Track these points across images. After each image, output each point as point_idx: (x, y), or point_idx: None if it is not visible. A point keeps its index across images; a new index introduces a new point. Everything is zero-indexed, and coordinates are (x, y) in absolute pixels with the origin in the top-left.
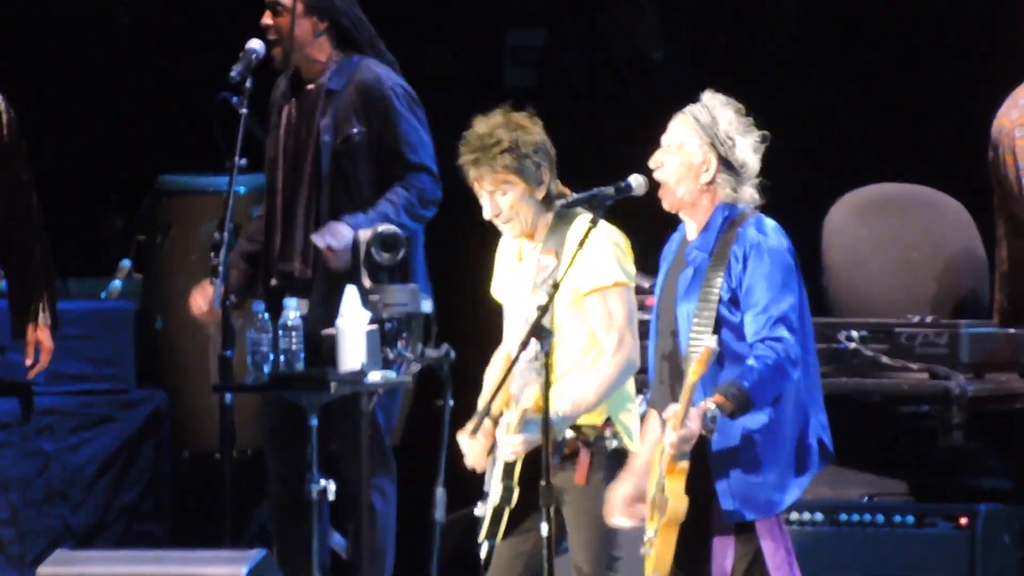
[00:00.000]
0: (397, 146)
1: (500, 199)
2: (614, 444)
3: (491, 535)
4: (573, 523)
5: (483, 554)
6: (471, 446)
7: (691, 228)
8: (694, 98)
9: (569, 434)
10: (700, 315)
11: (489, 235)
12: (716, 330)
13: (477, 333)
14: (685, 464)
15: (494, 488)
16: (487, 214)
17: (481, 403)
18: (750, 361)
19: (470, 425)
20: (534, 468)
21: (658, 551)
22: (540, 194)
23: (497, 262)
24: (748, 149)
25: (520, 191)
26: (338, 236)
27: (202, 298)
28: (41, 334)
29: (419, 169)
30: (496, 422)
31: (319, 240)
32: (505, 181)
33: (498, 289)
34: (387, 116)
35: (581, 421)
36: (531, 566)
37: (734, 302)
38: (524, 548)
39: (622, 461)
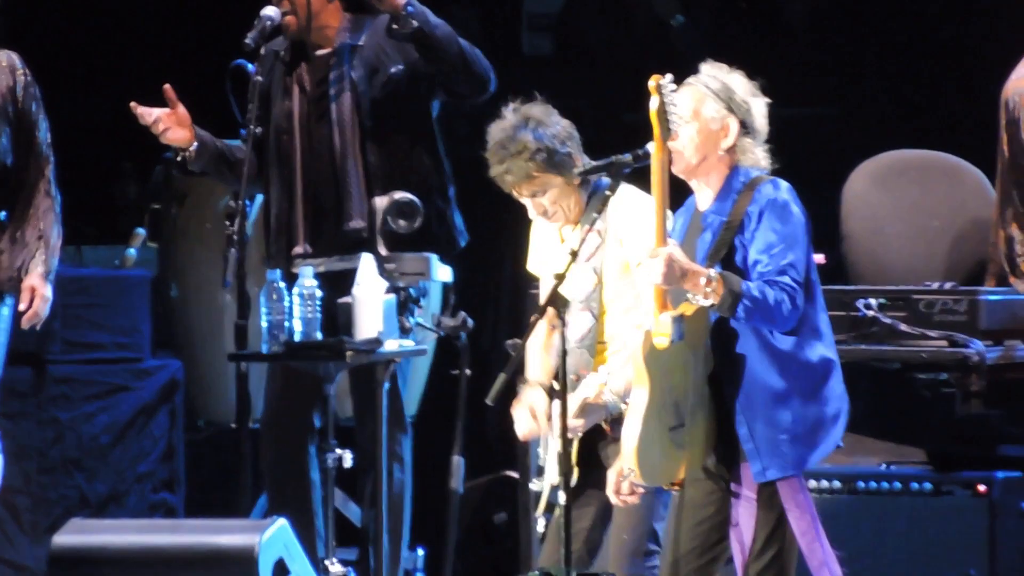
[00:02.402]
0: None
1: (541, 199)
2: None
3: (548, 511)
4: None
5: (540, 528)
6: (521, 416)
7: (705, 195)
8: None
9: (623, 407)
10: None
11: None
12: None
13: (496, 303)
14: (667, 319)
15: (551, 465)
16: (532, 215)
17: (507, 370)
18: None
19: (493, 391)
20: (589, 445)
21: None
22: (576, 180)
23: (533, 237)
24: (761, 113)
25: (558, 186)
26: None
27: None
28: (36, 280)
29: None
30: (551, 394)
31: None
32: (542, 183)
33: (536, 265)
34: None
35: None
36: (588, 540)
37: (745, 261)
38: (581, 524)
39: None
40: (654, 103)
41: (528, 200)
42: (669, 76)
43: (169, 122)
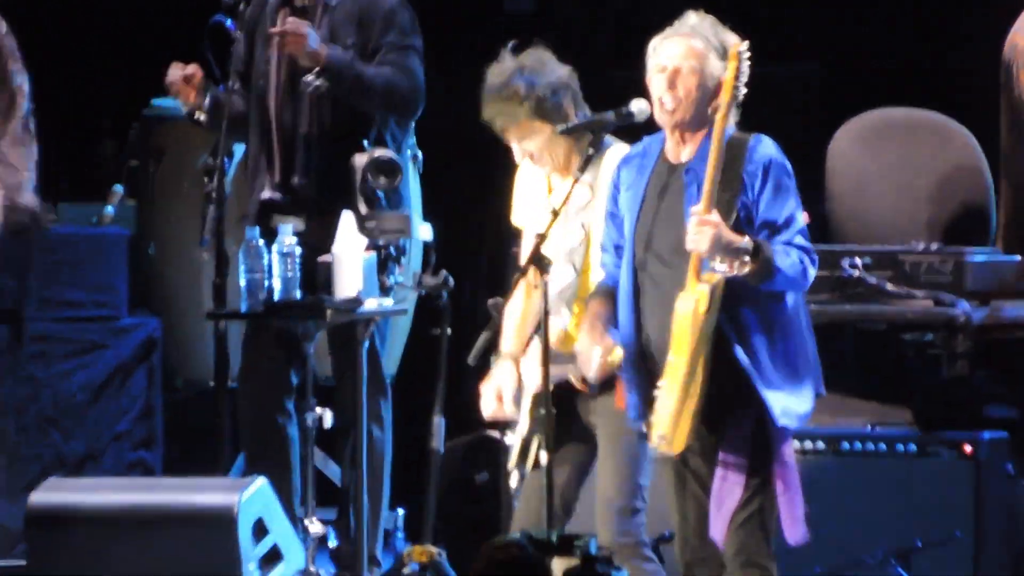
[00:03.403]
0: (393, 41)
1: (528, 145)
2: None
3: (520, 464)
4: (606, 449)
5: (513, 483)
6: (488, 396)
7: (680, 148)
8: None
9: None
10: None
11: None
12: None
13: (476, 261)
14: (706, 286)
15: (523, 418)
16: (518, 158)
17: (489, 330)
18: (779, 247)
19: (475, 351)
20: (564, 400)
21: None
22: (559, 138)
23: (517, 189)
24: (745, 73)
25: (547, 134)
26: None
27: (179, 71)
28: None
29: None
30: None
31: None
32: (530, 129)
33: (521, 217)
34: (386, 20)
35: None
36: (562, 497)
37: (748, 221)
38: (556, 481)
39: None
40: (731, 69)
41: (515, 145)
42: (746, 44)
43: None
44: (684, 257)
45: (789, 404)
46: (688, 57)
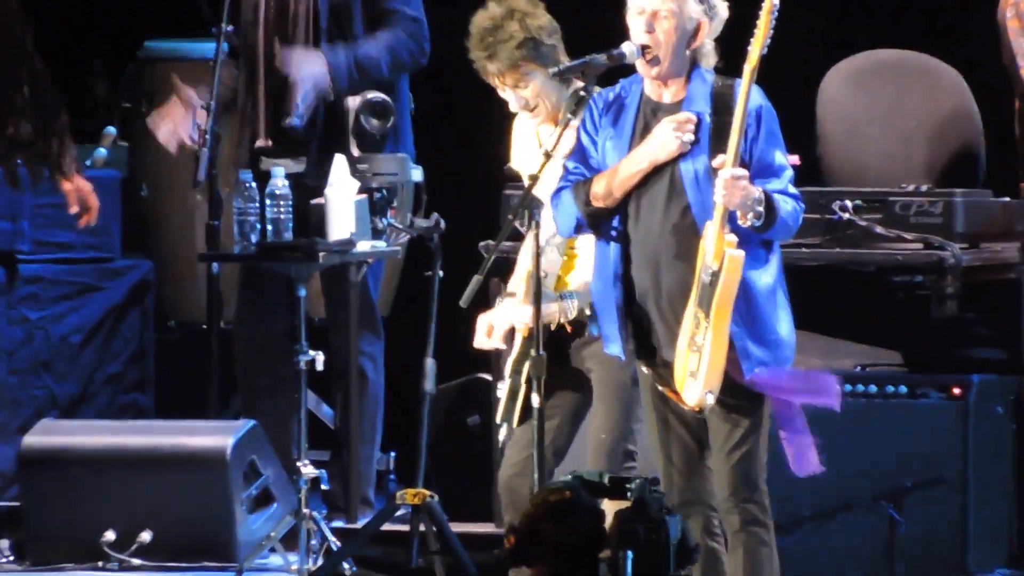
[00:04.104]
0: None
1: (524, 92)
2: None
3: (508, 416)
4: (599, 392)
5: (502, 437)
6: (480, 329)
7: (664, 91)
8: None
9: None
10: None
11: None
12: None
13: (468, 202)
14: (735, 239)
15: (510, 369)
16: (514, 107)
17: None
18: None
19: (467, 293)
20: (555, 345)
21: (712, 353)
22: (552, 81)
23: (514, 134)
24: (723, 17)
25: (541, 78)
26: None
27: (169, 120)
28: (74, 183)
29: (412, 21)
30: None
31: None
32: (526, 72)
33: (518, 163)
34: None
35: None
36: (553, 442)
37: (744, 165)
38: (547, 425)
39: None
40: (762, 22)
41: (510, 93)
42: None
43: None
44: (677, 201)
45: (764, 351)
46: (661, 1)
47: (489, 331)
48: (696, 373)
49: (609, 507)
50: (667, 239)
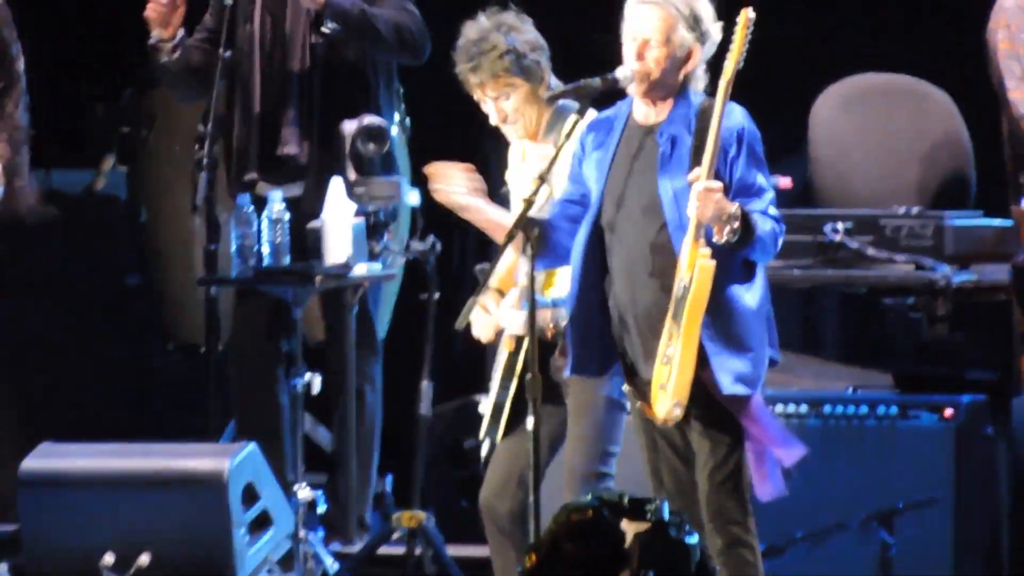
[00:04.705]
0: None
1: (504, 104)
2: None
3: (491, 432)
4: (573, 413)
5: (484, 452)
6: (478, 318)
7: (649, 113)
8: None
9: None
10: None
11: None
12: None
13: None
14: (708, 251)
15: (495, 384)
16: (493, 120)
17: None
18: (756, 216)
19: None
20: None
21: (681, 365)
22: (542, 92)
23: (510, 155)
24: (716, 41)
25: (523, 92)
26: None
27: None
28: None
29: (411, 13)
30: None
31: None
32: (508, 85)
33: (510, 183)
34: None
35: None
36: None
37: (726, 186)
38: (525, 447)
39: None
40: (738, 37)
41: (491, 104)
42: (752, 11)
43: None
44: (654, 218)
45: (742, 370)
46: (657, 28)
47: (484, 308)
48: (666, 385)
49: (629, 528)
50: (644, 256)
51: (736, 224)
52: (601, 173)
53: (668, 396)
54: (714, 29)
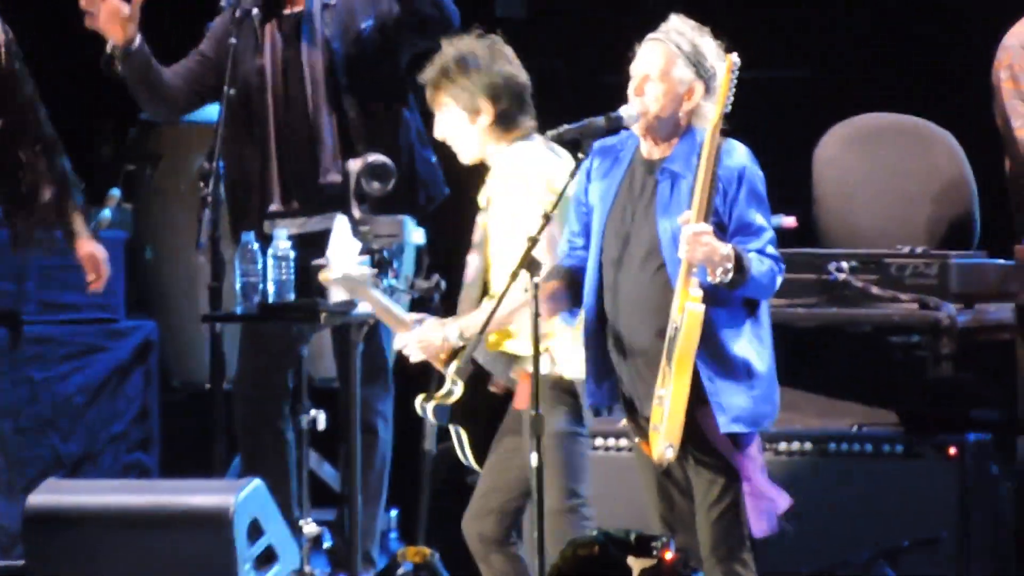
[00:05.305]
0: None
1: (439, 118)
2: (551, 371)
3: (468, 469)
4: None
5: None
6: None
7: (653, 149)
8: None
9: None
10: None
11: (482, 165)
12: None
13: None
14: (700, 291)
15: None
16: (436, 133)
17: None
18: (752, 256)
19: (466, 354)
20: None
21: (672, 407)
22: (477, 123)
23: None
24: (721, 77)
25: (453, 115)
26: None
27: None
28: (87, 246)
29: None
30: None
31: None
32: (441, 102)
33: None
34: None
35: (517, 351)
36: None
37: (720, 226)
38: (501, 474)
39: (564, 388)
40: (724, 82)
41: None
42: (736, 56)
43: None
44: (653, 257)
45: (739, 410)
46: (656, 63)
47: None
48: (659, 427)
49: (635, 565)
50: (643, 295)
51: (729, 265)
52: (604, 206)
53: (661, 437)
54: (719, 66)
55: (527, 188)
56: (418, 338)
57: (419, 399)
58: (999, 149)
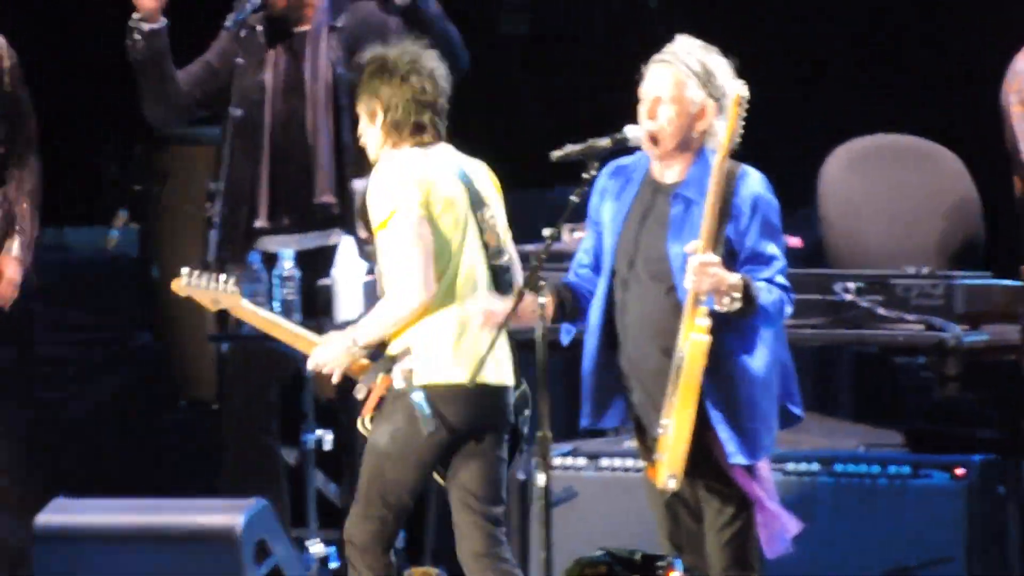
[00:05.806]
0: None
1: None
2: (400, 385)
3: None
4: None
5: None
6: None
7: (666, 171)
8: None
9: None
10: None
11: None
12: None
13: None
14: (706, 321)
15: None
16: None
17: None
18: (761, 284)
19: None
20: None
21: (675, 437)
22: (375, 127)
23: None
24: (732, 96)
25: (364, 113)
26: None
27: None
28: (8, 265)
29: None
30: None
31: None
32: (360, 98)
33: None
34: (388, 29)
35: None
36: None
37: (732, 254)
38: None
39: (407, 405)
40: (732, 117)
41: None
42: (746, 91)
43: None
44: (663, 280)
45: (746, 437)
46: (667, 86)
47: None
48: (662, 457)
49: None
50: (652, 317)
51: (737, 294)
52: (615, 226)
53: (664, 467)
54: (731, 86)
55: (391, 195)
56: (330, 356)
57: (360, 420)
58: (1007, 171)
